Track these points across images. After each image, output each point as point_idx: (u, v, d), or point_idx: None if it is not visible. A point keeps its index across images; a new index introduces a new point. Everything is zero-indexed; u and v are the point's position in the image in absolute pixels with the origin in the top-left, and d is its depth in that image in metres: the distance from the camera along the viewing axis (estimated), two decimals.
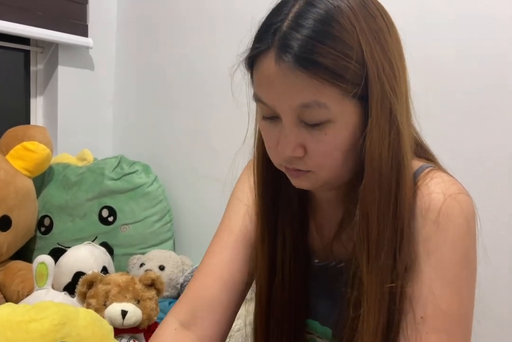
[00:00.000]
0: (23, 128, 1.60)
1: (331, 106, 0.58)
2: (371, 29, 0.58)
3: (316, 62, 0.56)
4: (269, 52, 0.58)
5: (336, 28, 0.56)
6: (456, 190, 0.64)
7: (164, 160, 1.87)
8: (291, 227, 0.74)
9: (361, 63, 0.57)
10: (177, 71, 1.83)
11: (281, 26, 0.58)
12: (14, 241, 1.53)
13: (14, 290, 1.44)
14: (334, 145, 0.61)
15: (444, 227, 0.62)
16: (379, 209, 0.61)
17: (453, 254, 0.62)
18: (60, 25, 1.77)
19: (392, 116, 0.60)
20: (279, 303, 0.75)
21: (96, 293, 1.26)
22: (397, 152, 0.61)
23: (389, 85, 0.59)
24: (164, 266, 1.61)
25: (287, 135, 0.61)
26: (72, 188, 1.70)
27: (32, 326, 0.92)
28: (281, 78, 0.58)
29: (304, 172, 0.64)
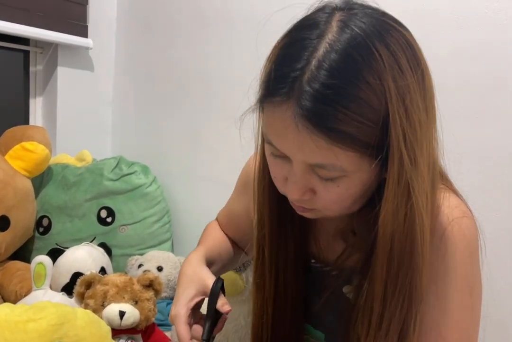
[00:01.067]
0: (22, 128, 1.60)
1: (347, 167, 0.55)
2: (398, 87, 0.51)
3: (338, 129, 0.51)
4: (285, 105, 0.53)
5: (363, 90, 0.50)
6: (459, 213, 0.63)
7: (163, 161, 1.87)
8: (293, 234, 0.73)
9: (385, 129, 0.52)
10: (177, 72, 1.83)
11: (302, 76, 0.51)
12: (12, 241, 1.52)
13: (12, 290, 1.44)
14: (345, 195, 0.58)
15: (446, 253, 0.61)
16: (386, 287, 0.59)
17: (456, 281, 0.61)
18: (60, 26, 1.77)
19: (409, 188, 0.55)
20: (281, 306, 0.75)
21: (94, 293, 1.26)
22: (412, 225, 0.56)
23: (408, 155, 0.53)
24: (162, 267, 1.60)
25: (297, 182, 0.58)
26: (70, 188, 1.70)
27: (30, 326, 0.92)
28: (297, 136, 0.53)
29: (309, 209, 0.62)
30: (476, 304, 0.63)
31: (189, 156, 1.81)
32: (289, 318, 0.76)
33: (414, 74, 0.53)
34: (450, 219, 0.61)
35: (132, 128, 1.99)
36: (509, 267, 1.16)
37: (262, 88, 0.57)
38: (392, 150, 0.53)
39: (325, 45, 0.51)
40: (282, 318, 0.75)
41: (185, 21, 1.79)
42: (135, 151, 1.92)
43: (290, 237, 0.73)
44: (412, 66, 0.53)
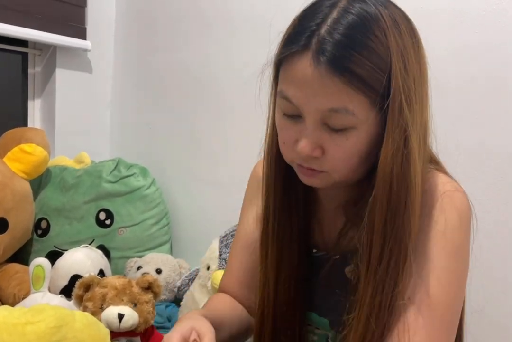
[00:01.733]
0: (20, 130, 1.60)
1: (358, 115, 0.60)
2: (399, 46, 0.60)
3: (352, 71, 0.58)
4: (305, 54, 0.59)
5: (373, 40, 0.58)
6: (451, 187, 0.67)
7: (162, 163, 1.87)
8: (298, 224, 0.76)
9: (389, 77, 0.59)
10: (175, 75, 1.83)
11: (319, 30, 0.59)
12: (10, 243, 1.52)
13: (11, 293, 1.44)
14: (353, 150, 0.63)
15: (437, 220, 0.66)
16: (386, 222, 0.63)
17: (445, 245, 0.65)
18: (59, 28, 1.77)
19: (406, 134, 0.61)
20: (286, 297, 0.77)
21: (92, 296, 1.25)
22: (408, 168, 0.62)
23: (406, 104, 0.60)
24: (161, 269, 1.61)
25: (308, 136, 0.63)
26: (69, 190, 1.70)
27: (28, 328, 0.92)
28: (316, 80, 0.59)
29: (318, 171, 0.66)
30: (462, 269, 0.67)
31: (188, 158, 1.81)
32: (291, 307, 0.77)
33: (410, 39, 0.62)
34: (442, 191, 0.66)
35: (131, 131, 2.00)
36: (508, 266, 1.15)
37: (281, 45, 0.63)
38: (393, 98, 0.59)
39: (339, 10, 0.60)
40: (284, 307, 0.77)
41: (184, 23, 1.80)
42: (133, 154, 1.92)
43: (295, 223, 0.76)
44: (409, 33, 0.62)
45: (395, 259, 0.63)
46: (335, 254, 0.75)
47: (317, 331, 0.79)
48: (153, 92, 1.91)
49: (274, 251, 0.76)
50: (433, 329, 0.63)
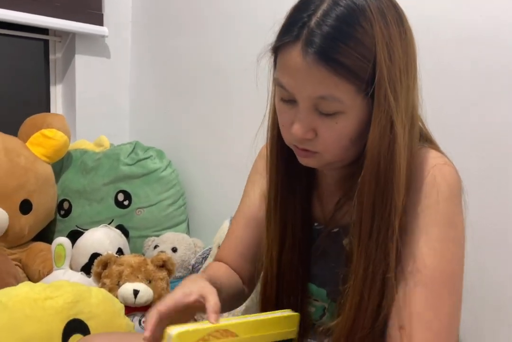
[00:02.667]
0: (41, 116, 1.67)
1: (345, 101, 0.64)
2: (384, 36, 0.63)
3: (338, 60, 0.62)
4: (296, 45, 0.64)
5: (358, 31, 0.62)
6: (441, 161, 0.71)
7: (178, 146, 1.91)
8: (301, 195, 0.81)
9: (374, 65, 0.63)
10: (192, 59, 1.86)
11: (309, 21, 0.63)
12: (35, 223, 1.61)
13: (36, 270, 1.52)
14: (343, 133, 0.67)
15: (428, 193, 0.69)
16: (374, 201, 0.67)
17: (437, 215, 0.68)
18: (77, 15, 1.82)
19: (392, 119, 0.65)
20: (289, 267, 0.82)
21: (110, 273, 1.33)
22: (393, 151, 0.66)
23: (390, 91, 0.64)
24: (177, 248, 1.66)
25: (301, 120, 0.67)
26: (89, 173, 1.77)
27: (47, 303, 0.99)
28: (304, 70, 0.64)
29: (311, 152, 0.71)
30: (457, 238, 0.70)
31: (202, 141, 1.85)
32: (294, 277, 0.82)
33: (397, 29, 0.65)
34: (432, 165, 0.70)
35: (148, 114, 2.05)
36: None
37: (277, 34, 0.68)
38: (378, 85, 0.63)
39: (329, 1, 0.64)
40: (292, 279, 0.82)
41: (200, 7, 1.81)
42: (151, 137, 1.98)
43: (298, 198, 0.81)
44: (395, 22, 0.66)
45: (383, 233, 0.67)
46: (334, 227, 0.79)
47: (315, 303, 0.83)
48: (170, 76, 1.95)
49: (278, 224, 0.81)
50: (433, 298, 0.67)
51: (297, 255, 0.81)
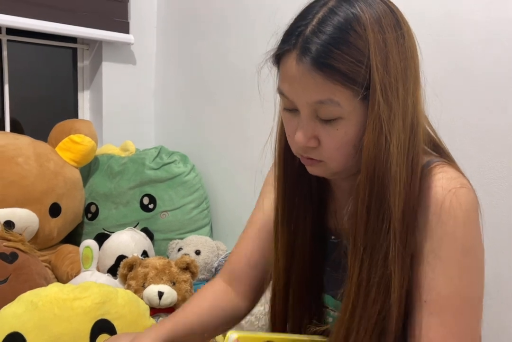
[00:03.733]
0: (70, 122, 1.71)
1: (344, 105, 0.65)
2: (378, 41, 0.64)
3: (331, 65, 0.63)
4: (292, 53, 0.65)
5: (352, 36, 0.63)
6: (457, 184, 0.68)
7: (201, 150, 1.94)
8: (312, 206, 0.81)
9: (369, 70, 0.63)
10: (215, 65, 1.89)
11: (305, 30, 0.65)
12: (63, 226, 1.65)
13: (64, 271, 1.56)
14: (344, 140, 0.67)
15: (445, 220, 0.67)
16: (368, 209, 0.67)
17: (453, 243, 0.67)
18: (103, 24, 1.88)
19: (384, 125, 0.65)
20: (299, 279, 0.82)
21: (135, 275, 1.36)
22: (387, 158, 0.66)
23: (382, 96, 0.64)
24: (200, 251, 1.69)
25: (303, 127, 0.68)
26: (115, 177, 1.81)
27: (76, 303, 1.02)
28: (300, 77, 0.65)
29: (316, 161, 0.71)
30: (475, 264, 0.68)
31: (226, 145, 1.88)
32: (305, 288, 0.82)
33: (393, 33, 0.65)
34: (448, 189, 0.68)
35: (173, 120, 2.08)
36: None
37: (279, 43, 0.69)
38: (372, 90, 0.64)
39: (325, 9, 0.65)
40: (298, 288, 0.82)
41: (224, 15, 1.84)
42: (175, 141, 2.01)
43: (308, 209, 0.80)
44: (392, 27, 0.66)
45: (379, 244, 0.67)
46: (344, 238, 0.79)
47: (332, 313, 0.84)
48: (194, 82, 1.98)
49: (285, 235, 0.81)
50: (451, 326, 0.66)
51: (308, 266, 0.81)
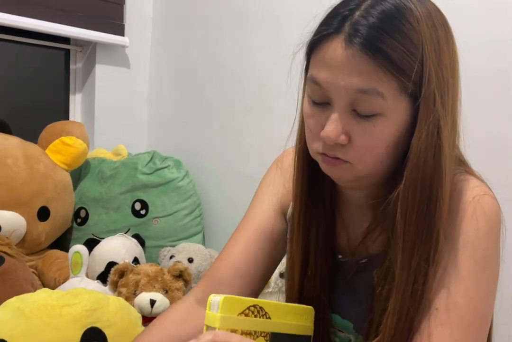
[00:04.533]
0: (61, 124, 1.68)
1: (388, 98, 0.59)
2: (432, 37, 0.60)
3: (384, 51, 0.58)
4: (338, 36, 0.60)
5: (405, 26, 0.59)
6: (480, 191, 0.65)
7: (196, 156, 1.92)
8: (324, 224, 0.75)
9: (421, 65, 0.59)
10: (210, 70, 1.88)
11: (352, 14, 0.60)
12: (52, 231, 1.60)
13: (51, 277, 1.51)
14: (380, 139, 0.62)
15: (467, 228, 0.64)
16: (418, 211, 0.62)
17: (473, 254, 0.64)
18: (98, 25, 1.84)
19: (439, 125, 0.61)
20: (310, 296, 0.77)
21: (126, 282, 1.32)
22: (439, 162, 0.62)
23: (439, 93, 0.60)
24: (193, 259, 1.65)
25: (335, 121, 0.61)
26: (107, 181, 1.77)
27: (65, 310, 0.98)
28: (347, 60, 0.59)
29: (342, 161, 0.64)
30: (492, 276, 0.65)
31: (220, 151, 1.85)
32: (319, 310, 0.76)
33: (444, 33, 0.62)
34: (471, 196, 0.65)
35: (166, 124, 2.05)
36: None
37: (316, 29, 0.64)
38: (427, 86, 0.59)
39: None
40: (310, 304, 0.77)
41: (219, 20, 1.83)
42: (168, 146, 1.98)
43: (321, 224, 0.75)
44: (443, 26, 0.63)
45: (424, 265, 0.62)
46: (362, 258, 0.74)
47: (339, 334, 0.79)
48: (188, 87, 1.96)
49: (300, 247, 0.76)
50: (460, 340, 0.63)
51: (319, 282, 0.76)
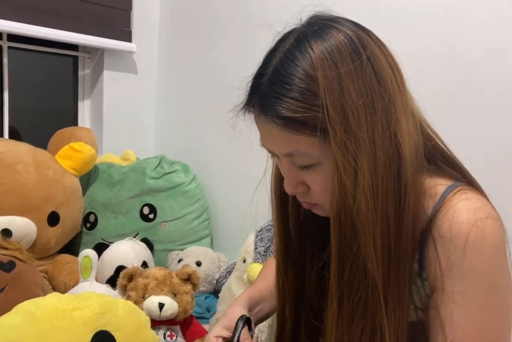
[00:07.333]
0: (70, 130, 1.69)
1: (313, 154, 0.62)
2: (329, 78, 0.59)
3: (287, 117, 0.59)
4: (255, 108, 0.65)
5: (304, 80, 0.59)
6: (483, 214, 0.62)
7: (203, 160, 1.93)
8: (317, 245, 0.77)
9: (323, 109, 0.58)
10: (216, 75, 1.89)
11: (263, 82, 0.63)
12: (61, 235, 1.61)
13: (62, 282, 1.52)
14: (328, 183, 0.63)
15: (470, 254, 0.61)
16: (339, 254, 0.64)
17: (480, 281, 0.62)
18: (106, 32, 1.86)
19: (348, 164, 0.60)
20: (306, 320, 0.80)
21: (135, 286, 1.32)
22: (355, 200, 0.61)
23: (343, 135, 0.59)
24: (201, 262, 1.66)
25: (288, 175, 0.67)
26: (115, 186, 1.78)
27: (75, 314, 0.98)
28: (264, 132, 0.65)
29: (312, 204, 0.69)
30: (502, 301, 0.63)
31: (227, 155, 1.86)
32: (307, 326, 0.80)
33: (350, 65, 0.59)
34: (473, 221, 0.61)
35: (174, 129, 2.07)
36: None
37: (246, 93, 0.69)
38: (332, 131, 0.59)
39: (280, 55, 0.63)
40: (310, 330, 0.80)
41: (225, 27, 1.84)
42: (176, 151, 1.99)
43: (309, 255, 0.78)
44: (350, 57, 0.60)
45: (356, 295, 0.63)
46: None
47: None
48: (196, 92, 1.97)
49: (290, 277, 0.80)
50: None
51: (316, 309, 0.78)
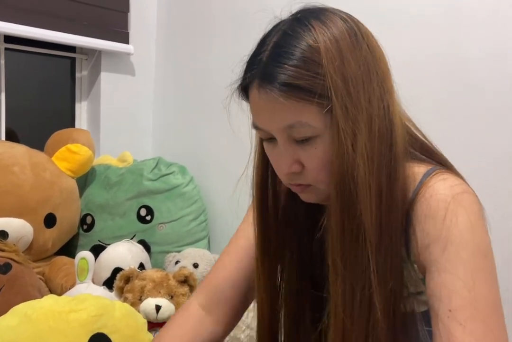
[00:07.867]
0: (67, 131, 1.69)
1: (314, 124, 0.63)
2: (329, 47, 0.62)
3: (292, 84, 0.61)
4: (254, 83, 0.65)
5: (307, 51, 0.61)
6: (459, 189, 0.66)
7: (200, 162, 1.93)
8: (302, 242, 0.78)
9: (328, 78, 0.61)
10: (214, 76, 1.89)
11: (263, 57, 0.64)
12: (58, 237, 1.61)
13: (58, 283, 1.52)
14: (325, 158, 0.64)
15: (450, 226, 0.65)
16: (342, 225, 0.64)
17: (466, 246, 0.64)
18: (103, 33, 1.86)
19: (348, 132, 0.62)
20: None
21: (132, 288, 1.33)
22: (354, 168, 0.63)
23: (343, 102, 0.61)
24: (198, 264, 1.66)
25: (283, 153, 0.67)
26: (112, 188, 1.78)
27: (72, 316, 0.98)
28: (264, 105, 0.64)
29: (305, 186, 0.69)
30: (493, 267, 0.66)
31: (225, 157, 1.86)
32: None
33: (348, 39, 0.63)
34: (450, 196, 0.65)
35: (171, 131, 2.07)
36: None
37: (241, 74, 0.70)
38: (332, 100, 0.61)
39: (279, 33, 0.65)
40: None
41: (222, 28, 1.85)
42: (173, 153, 1.99)
43: (295, 255, 0.78)
44: (345, 33, 0.64)
45: (358, 265, 0.64)
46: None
47: None
48: (193, 93, 1.97)
49: (268, 289, 0.79)
50: (479, 334, 0.62)
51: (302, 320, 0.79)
